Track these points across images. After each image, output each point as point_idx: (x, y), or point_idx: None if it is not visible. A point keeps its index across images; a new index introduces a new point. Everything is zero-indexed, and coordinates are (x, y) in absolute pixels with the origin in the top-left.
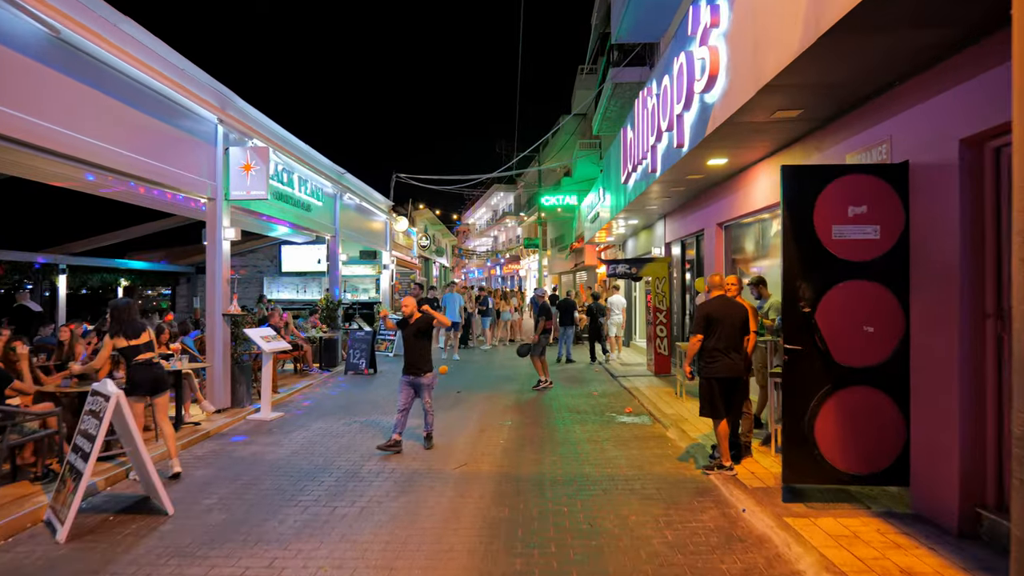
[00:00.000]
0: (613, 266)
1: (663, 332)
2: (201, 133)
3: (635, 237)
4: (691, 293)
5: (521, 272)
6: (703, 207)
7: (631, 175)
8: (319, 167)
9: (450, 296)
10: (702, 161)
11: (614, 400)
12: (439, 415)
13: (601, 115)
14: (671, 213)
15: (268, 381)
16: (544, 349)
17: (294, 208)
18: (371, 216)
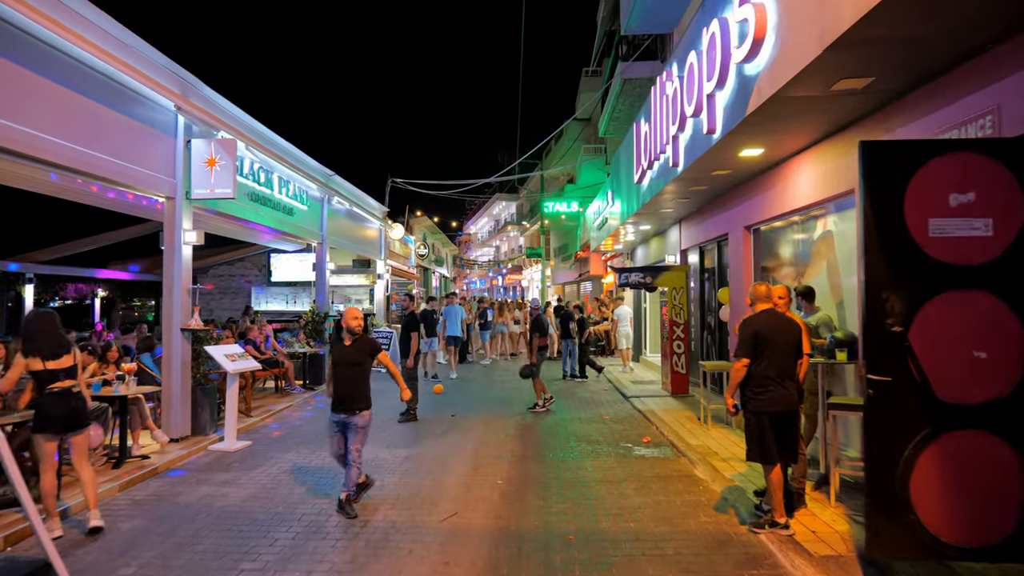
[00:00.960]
0: (625, 275)
1: (680, 348)
2: (158, 123)
3: (645, 244)
4: (713, 305)
5: (523, 283)
6: (727, 209)
7: (646, 173)
8: (303, 168)
9: (451, 308)
10: (734, 152)
11: (628, 427)
12: (430, 443)
13: (608, 115)
14: (688, 217)
15: (232, 406)
16: (540, 368)
17: (274, 211)
18: (365, 223)
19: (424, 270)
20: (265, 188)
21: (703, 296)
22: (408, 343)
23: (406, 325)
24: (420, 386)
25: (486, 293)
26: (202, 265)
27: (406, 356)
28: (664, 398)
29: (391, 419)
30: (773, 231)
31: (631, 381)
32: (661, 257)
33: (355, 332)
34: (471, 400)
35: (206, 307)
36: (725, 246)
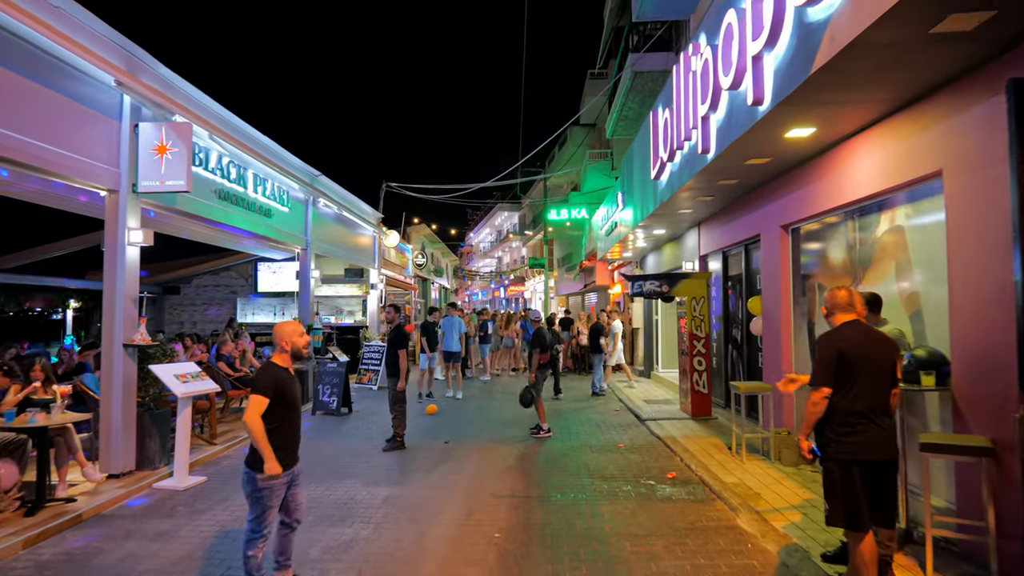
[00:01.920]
0: (638, 283)
1: (701, 365)
2: (99, 104)
3: (658, 252)
4: (740, 316)
5: (526, 294)
6: (758, 207)
7: (664, 167)
8: (284, 165)
9: (449, 320)
10: (779, 132)
11: (648, 457)
12: (417, 478)
13: (616, 114)
14: (709, 219)
15: (183, 435)
16: (541, 389)
17: (248, 213)
18: (357, 229)
19: (423, 281)
20: (237, 185)
21: (727, 306)
22: (396, 361)
23: (393, 340)
24: (412, 407)
25: (487, 305)
26: (185, 274)
27: (394, 376)
28: (684, 421)
29: (375, 447)
30: (818, 230)
31: (644, 400)
32: (676, 265)
33: (301, 355)
34: (468, 422)
35: (189, 319)
36: (755, 249)
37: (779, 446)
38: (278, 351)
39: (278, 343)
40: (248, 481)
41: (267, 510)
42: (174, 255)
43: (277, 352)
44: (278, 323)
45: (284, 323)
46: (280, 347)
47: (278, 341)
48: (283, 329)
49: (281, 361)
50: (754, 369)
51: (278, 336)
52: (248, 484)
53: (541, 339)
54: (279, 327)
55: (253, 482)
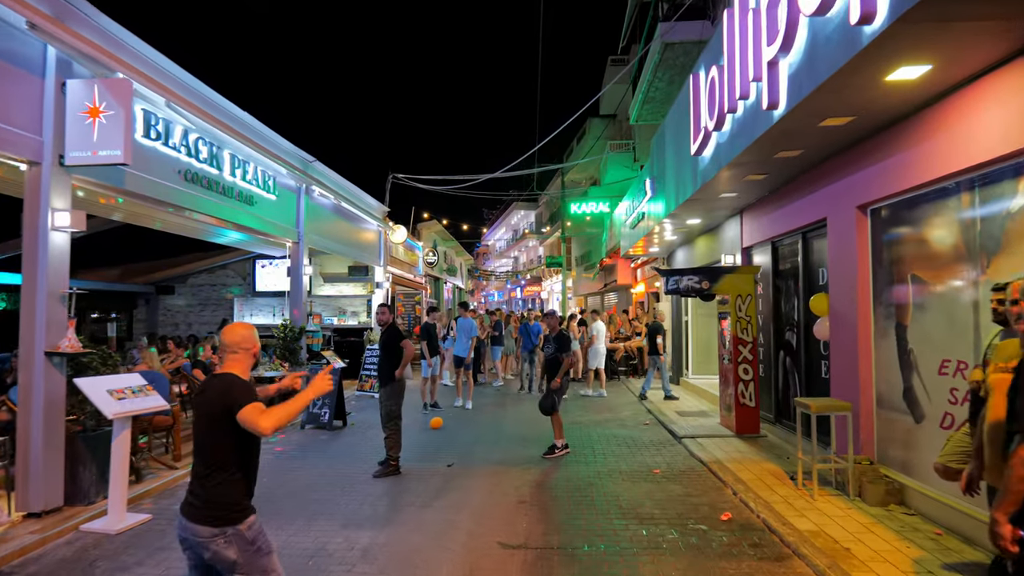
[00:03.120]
0: (674, 279)
1: (748, 374)
2: (16, 56)
3: (689, 246)
4: (796, 318)
5: (543, 294)
6: (823, 185)
7: (709, 138)
8: (268, 147)
9: (462, 322)
10: (881, 72)
11: (692, 488)
12: (408, 517)
13: (642, 96)
14: (754, 206)
15: (119, 465)
16: (562, 399)
17: (224, 199)
18: (360, 223)
19: (435, 280)
20: (209, 167)
21: (778, 306)
22: (390, 369)
23: (385, 343)
24: (416, 419)
25: (503, 306)
26: (180, 272)
27: (387, 387)
28: (727, 439)
29: (365, 471)
30: (911, 209)
31: (677, 412)
32: (713, 259)
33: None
34: (476, 438)
35: (184, 320)
36: (817, 238)
37: (859, 479)
38: (241, 356)
39: (240, 347)
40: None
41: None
42: (165, 252)
43: (241, 356)
44: (232, 324)
45: (238, 324)
46: (242, 351)
47: (240, 344)
48: (243, 331)
49: (242, 370)
50: (815, 380)
51: (240, 338)
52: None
53: (565, 342)
54: (236, 328)
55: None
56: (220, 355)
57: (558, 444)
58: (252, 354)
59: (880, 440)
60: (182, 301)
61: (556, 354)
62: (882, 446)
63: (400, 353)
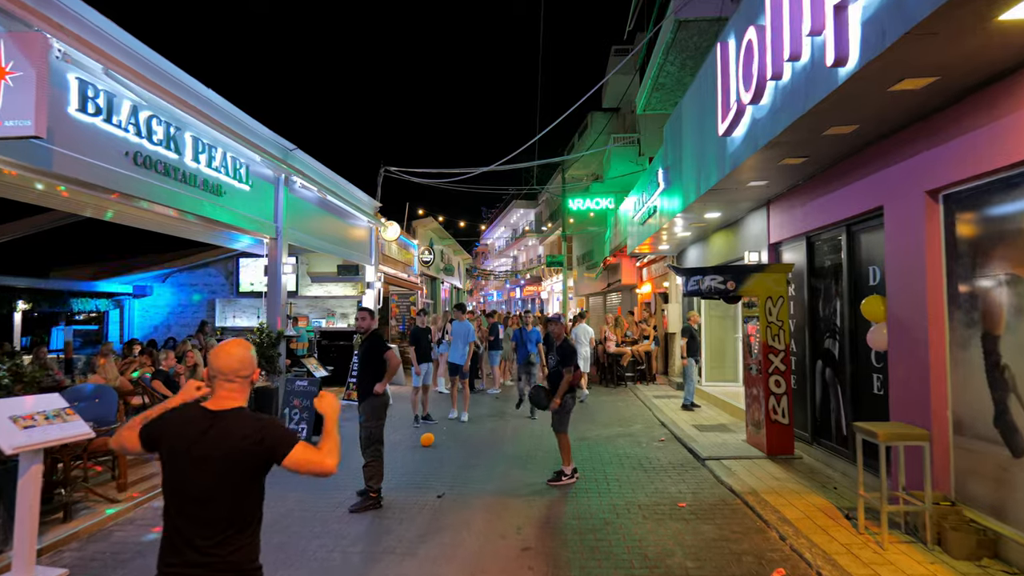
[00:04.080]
0: (694, 279)
1: (781, 387)
2: None
3: (703, 243)
4: (839, 324)
5: (543, 294)
6: (878, 167)
7: (742, 115)
8: (240, 131)
9: (458, 326)
10: (996, 6)
11: (728, 528)
12: (384, 569)
13: (651, 83)
14: (784, 196)
15: (28, 507)
16: (568, 419)
17: (182, 186)
18: (349, 219)
19: (431, 280)
20: (165, 150)
21: (814, 310)
22: (371, 384)
23: (366, 353)
24: (405, 435)
25: (502, 306)
26: (158, 271)
27: (366, 399)
28: (758, 462)
29: (342, 503)
30: (1004, 192)
31: (693, 424)
32: (733, 257)
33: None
34: (472, 458)
35: (163, 323)
36: (867, 231)
37: (939, 524)
38: (240, 386)
39: (239, 374)
40: None
41: None
42: (142, 249)
43: (239, 386)
44: (226, 345)
45: (234, 344)
46: (240, 380)
47: (239, 372)
48: (241, 353)
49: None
50: (864, 397)
51: (239, 363)
52: None
53: (569, 353)
54: (232, 350)
55: None
56: (210, 384)
57: (566, 471)
58: (252, 381)
59: (959, 475)
60: (161, 302)
61: (558, 367)
62: (961, 483)
63: (384, 365)
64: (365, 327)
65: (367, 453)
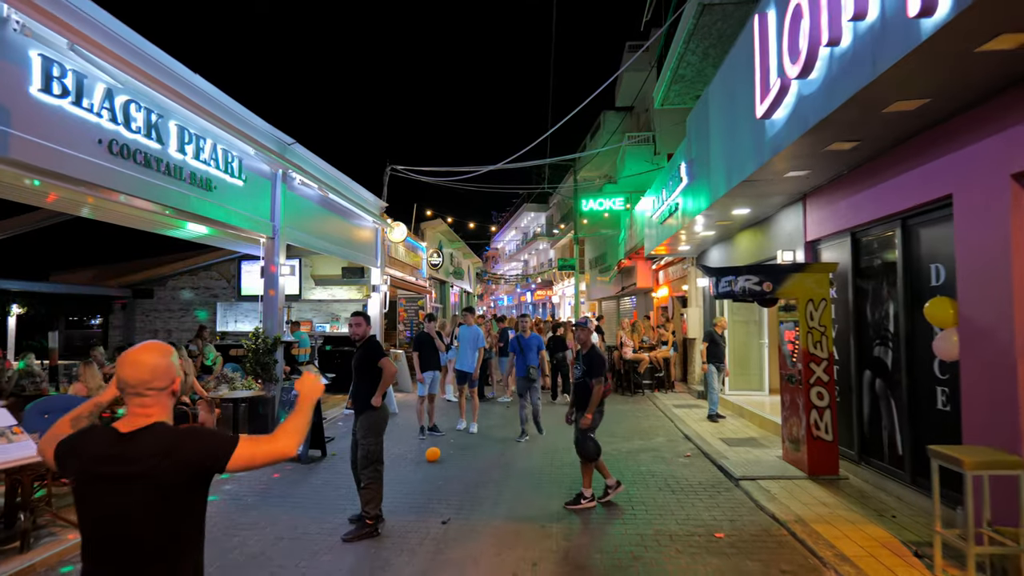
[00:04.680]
0: (726, 280)
1: (823, 399)
2: None
3: (727, 243)
4: (890, 328)
5: (554, 298)
6: (948, 149)
7: (785, 92)
8: (231, 121)
9: (466, 331)
10: None
11: (774, 564)
12: None
13: (671, 75)
14: (824, 189)
15: None
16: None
17: (166, 179)
18: (353, 220)
19: (440, 284)
20: (146, 139)
21: (861, 314)
22: (367, 395)
23: (360, 362)
24: (410, 449)
25: (512, 311)
26: (156, 275)
27: (362, 413)
28: (798, 482)
29: (335, 530)
30: None
31: (719, 437)
32: (763, 257)
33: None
34: (481, 475)
35: (164, 327)
36: (929, 224)
37: None
38: (155, 399)
39: (151, 385)
40: None
41: None
42: (142, 252)
43: (155, 400)
44: (136, 350)
45: (143, 349)
46: (154, 393)
47: (150, 383)
48: (152, 360)
49: (167, 418)
50: (924, 412)
51: (151, 373)
52: None
53: (597, 361)
54: (141, 356)
55: None
56: (126, 400)
57: (585, 494)
58: (171, 394)
59: None
60: (161, 305)
61: (584, 379)
62: None
63: (379, 375)
64: (360, 334)
65: (365, 473)
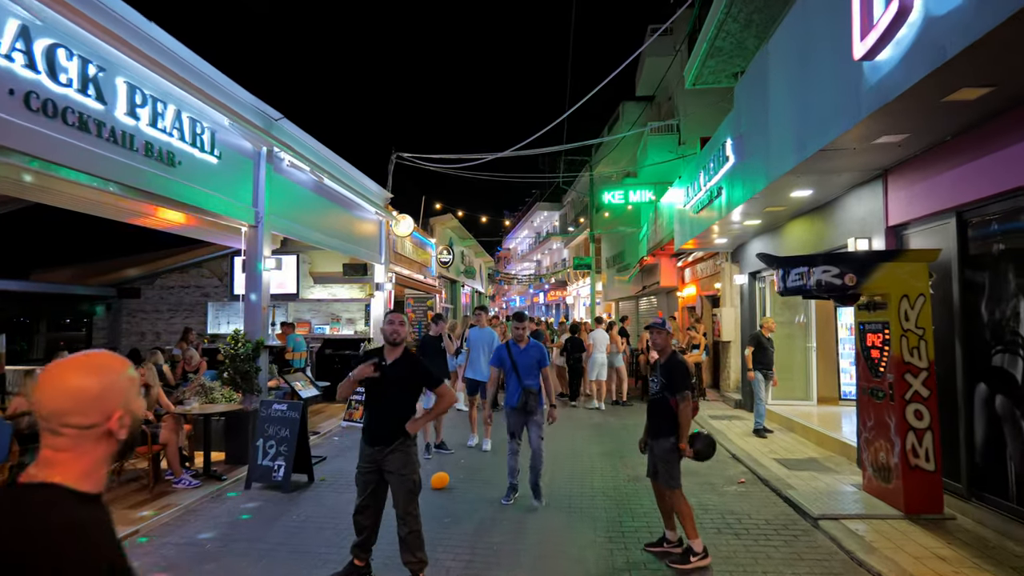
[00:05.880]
0: (798, 273)
1: (923, 419)
2: None
3: (772, 235)
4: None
5: (568, 299)
6: None
7: (906, 15)
8: (199, 84)
9: (479, 333)
10: None
11: None
12: None
13: (707, 47)
14: (915, 162)
15: None
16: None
17: (112, 148)
18: (356, 211)
19: (451, 283)
20: (82, 96)
21: (971, 313)
22: (399, 419)
23: (400, 377)
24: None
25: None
26: (146, 272)
27: (393, 441)
28: (896, 523)
29: None
30: None
31: (773, 457)
32: (826, 248)
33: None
34: (497, 512)
35: (151, 329)
36: None
37: None
38: (74, 440)
39: (70, 421)
40: None
41: None
42: (127, 248)
43: (74, 441)
44: (56, 366)
45: (71, 365)
46: (73, 432)
47: (68, 416)
48: (79, 384)
49: (81, 473)
50: None
51: (72, 403)
52: None
53: (681, 374)
54: (65, 376)
55: None
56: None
57: (695, 547)
58: (103, 436)
59: None
60: (149, 306)
61: (663, 393)
62: None
63: (415, 397)
64: (398, 337)
65: (406, 520)
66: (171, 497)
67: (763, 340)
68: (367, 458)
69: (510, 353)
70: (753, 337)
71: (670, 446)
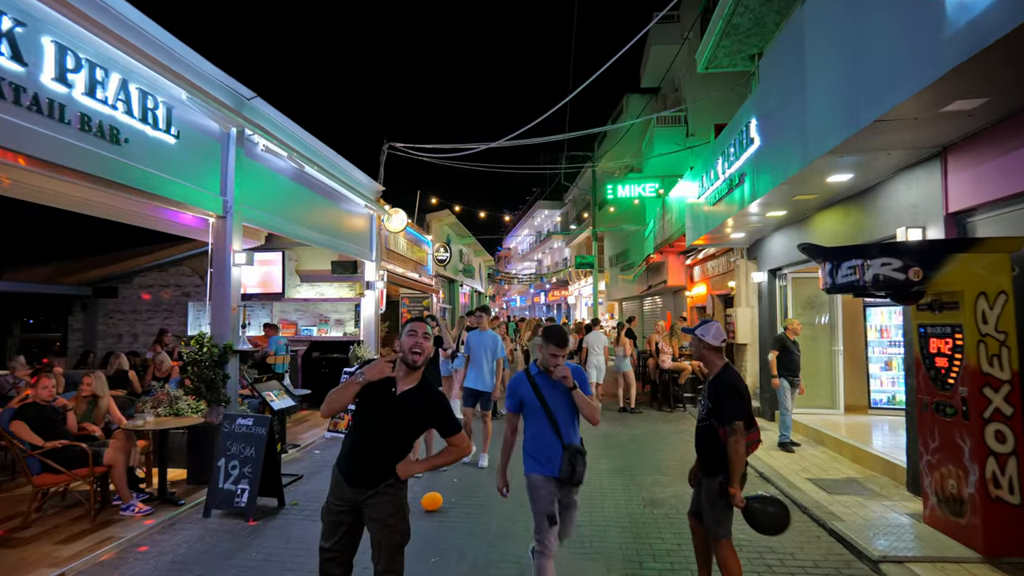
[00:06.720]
0: (850, 266)
1: (1005, 442)
2: None
3: (796, 228)
4: None
5: (570, 299)
6: None
7: None
8: (149, 50)
9: (478, 337)
10: None
11: None
12: None
13: (722, 25)
14: (982, 136)
15: None
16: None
17: (40, 121)
18: (344, 204)
19: (448, 282)
20: None
21: None
22: (392, 457)
23: (402, 410)
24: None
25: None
26: (122, 270)
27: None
28: (975, 568)
29: None
30: None
31: (808, 478)
32: (863, 236)
33: None
34: (496, 544)
35: (129, 330)
36: None
37: None
38: None
39: None
40: None
41: None
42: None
43: None
44: None
45: None
46: None
47: None
48: None
49: None
50: None
51: None
52: None
53: (733, 398)
54: None
55: None
56: None
57: None
58: None
59: None
60: (126, 306)
61: (709, 420)
62: None
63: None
64: (424, 358)
65: (391, 570)
66: (114, 528)
67: (788, 343)
68: (341, 497)
69: (536, 390)
70: (777, 340)
71: (719, 487)
